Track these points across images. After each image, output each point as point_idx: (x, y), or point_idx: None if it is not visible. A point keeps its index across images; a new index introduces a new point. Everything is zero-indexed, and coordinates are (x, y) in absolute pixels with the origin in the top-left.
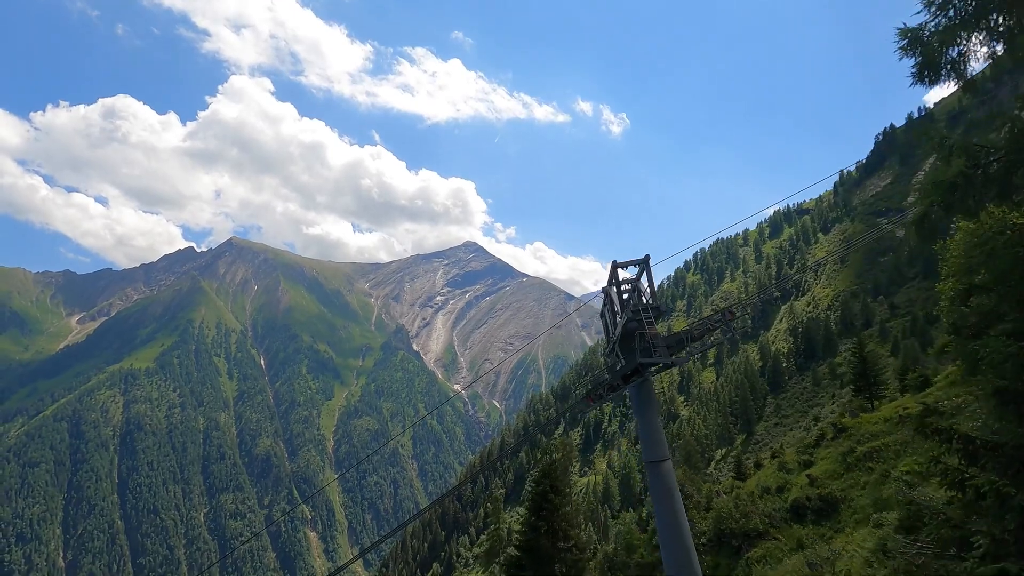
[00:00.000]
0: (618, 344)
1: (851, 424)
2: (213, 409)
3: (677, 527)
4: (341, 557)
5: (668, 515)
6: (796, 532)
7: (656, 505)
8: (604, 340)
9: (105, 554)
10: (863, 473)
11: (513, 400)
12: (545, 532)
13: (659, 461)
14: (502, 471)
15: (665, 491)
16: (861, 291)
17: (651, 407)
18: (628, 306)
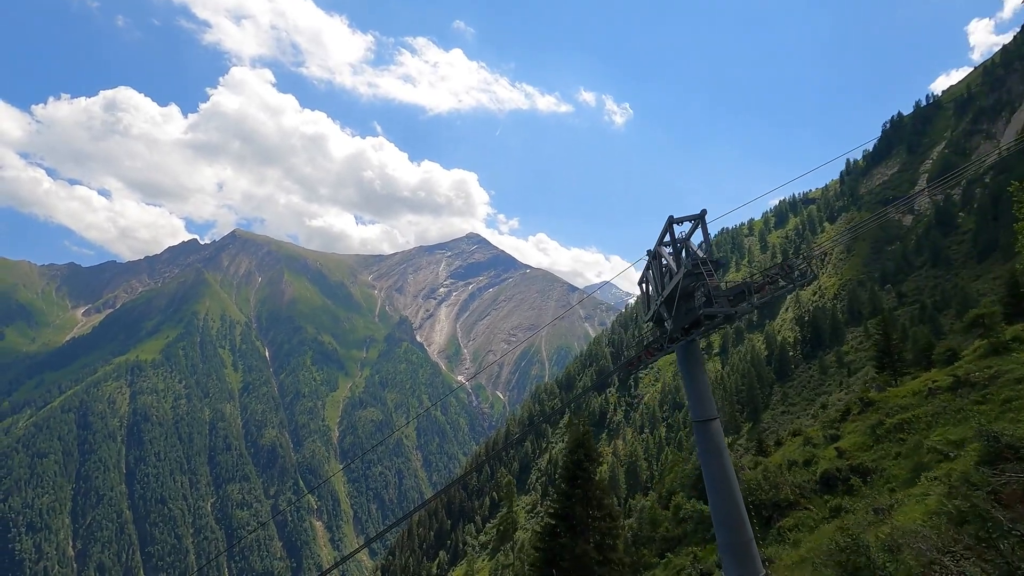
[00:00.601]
0: (666, 303)
1: (878, 398)
2: (219, 400)
3: (727, 485)
4: (347, 546)
5: (718, 473)
6: (828, 502)
7: (705, 464)
8: (643, 306)
9: (114, 543)
10: (894, 444)
11: (516, 391)
12: (579, 500)
13: (708, 420)
14: (508, 460)
15: (715, 449)
16: (868, 280)
17: (698, 366)
18: (684, 261)
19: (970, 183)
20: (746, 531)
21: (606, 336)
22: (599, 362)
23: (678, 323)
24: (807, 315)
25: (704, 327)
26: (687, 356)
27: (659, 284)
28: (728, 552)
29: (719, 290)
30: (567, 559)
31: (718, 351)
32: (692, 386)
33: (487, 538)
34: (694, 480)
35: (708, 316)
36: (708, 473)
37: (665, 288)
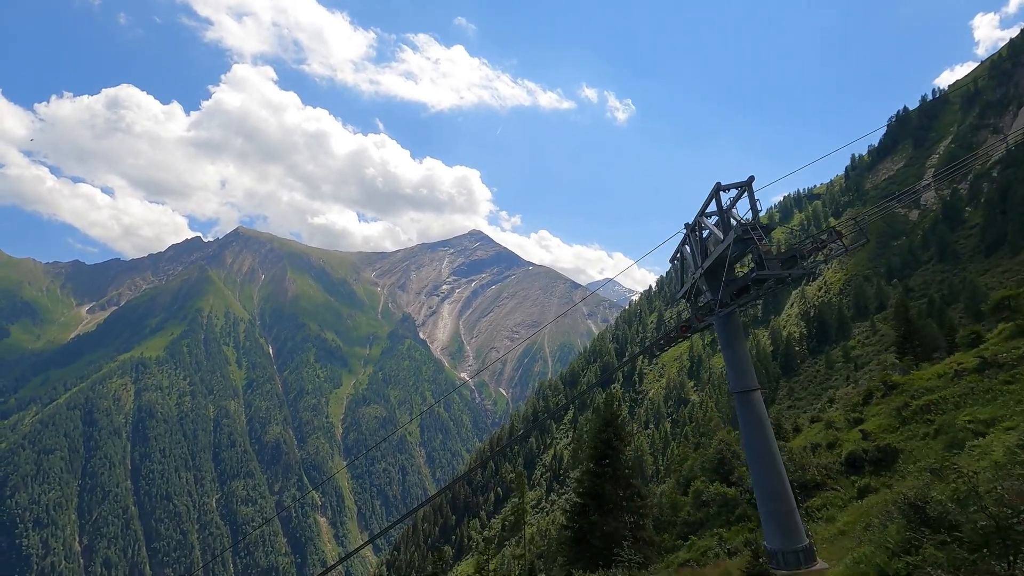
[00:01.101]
0: (707, 275)
1: (902, 381)
2: (223, 397)
3: (770, 455)
4: (351, 542)
5: (761, 444)
6: (856, 482)
7: (747, 435)
8: (675, 282)
9: (120, 539)
10: (921, 425)
11: (519, 388)
12: (609, 478)
13: (749, 391)
14: (512, 456)
15: (757, 420)
16: (874, 275)
17: (739, 338)
18: (732, 228)
19: (977, 178)
20: (789, 500)
21: (610, 332)
22: (603, 358)
23: (721, 292)
24: (813, 310)
25: (753, 293)
26: (727, 327)
27: (699, 256)
28: (772, 521)
29: (770, 254)
30: (598, 536)
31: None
32: (733, 357)
33: (492, 532)
34: (715, 464)
35: (758, 281)
36: (750, 443)
37: (707, 258)
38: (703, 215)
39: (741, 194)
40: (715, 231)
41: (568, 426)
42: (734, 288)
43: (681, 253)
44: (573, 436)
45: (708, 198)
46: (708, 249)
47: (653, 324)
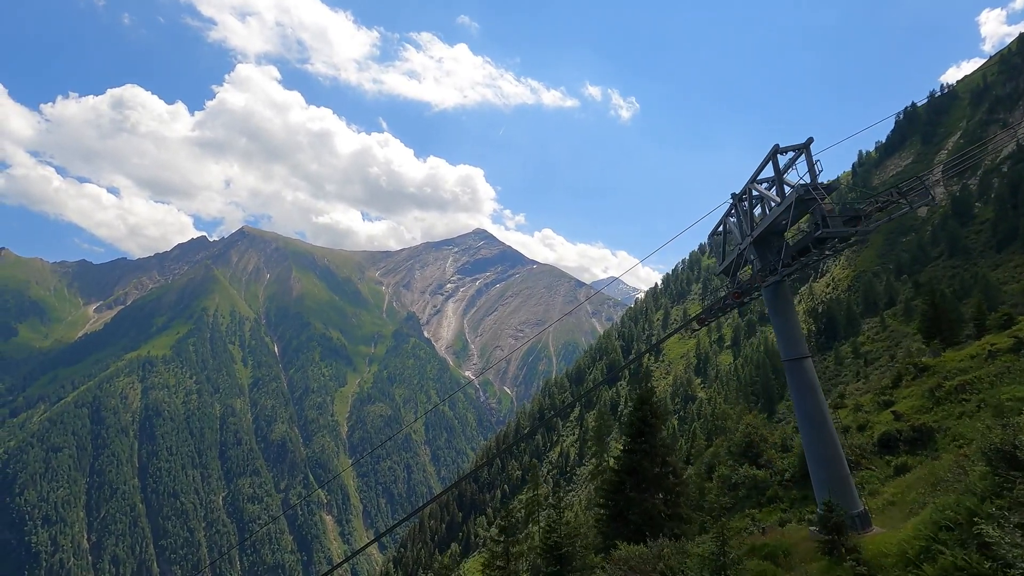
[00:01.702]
0: (756, 244)
1: (933, 363)
2: (229, 395)
3: (823, 421)
4: (356, 540)
5: (814, 410)
6: (891, 462)
7: (798, 402)
8: (716, 257)
9: (128, 536)
10: (956, 405)
11: (524, 386)
12: (646, 455)
13: (800, 358)
14: (519, 454)
15: (808, 387)
16: (883, 271)
17: (789, 306)
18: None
19: (987, 173)
20: (843, 466)
21: (615, 330)
22: (609, 356)
23: (784, 253)
24: (821, 306)
25: (814, 255)
26: (777, 295)
27: (747, 225)
28: (825, 488)
29: (833, 213)
30: (635, 513)
31: (730, 344)
32: (783, 325)
33: (495, 529)
34: (743, 448)
35: (820, 240)
36: (802, 410)
37: (760, 225)
38: (754, 181)
39: (798, 156)
40: (768, 195)
41: (574, 423)
42: (794, 250)
43: (724, 226)
44: (579, 433)
45: (764, 161)
46: (755, 218)
47: (659, 321)
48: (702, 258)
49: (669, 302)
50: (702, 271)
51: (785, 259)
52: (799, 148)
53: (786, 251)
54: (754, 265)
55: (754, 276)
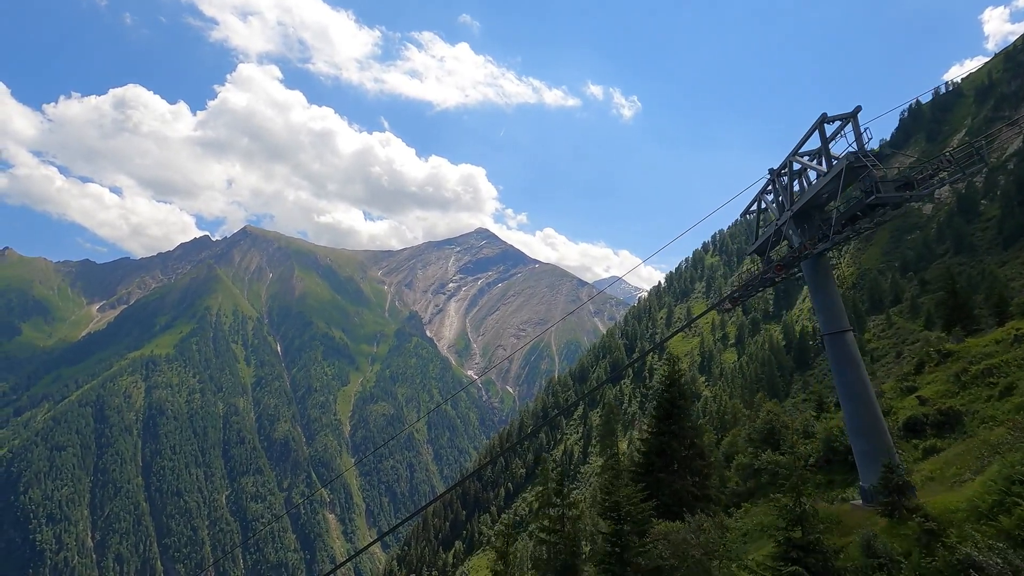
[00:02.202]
0: (796, 217)
1: (956, 348)
2: (232, 394)
3: (865, 394)
4: (359, 538)
5: (856, 383)
6: (919, 445)
7: (839, 375)
8: (750, 236)
9: (132, 534)
10: (984, 388)
11: (526, 385)
12: (676, 435)
13: (841, 332)
14: (522, 452)
15: (850, 360)
16: (888, 269)
17: (829, 280)
18: (844, 156)
19: (993, 170)
20: (886, 438)
21: (619, 329)
22: (612, 354)
23: (835, 221)
24: None
25: (862, 224)
26: (817, 269)
27: (787, 199)
28: (868, 459)
29: (886, 179)
30: (666, 493)
31: (734, 342)
32: (823, 299)
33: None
34: (764, 435)
35: (873, 206)
36: (844, 382)
37: (803, 197)
38: (796, 155)
39: (845, 124)
40: (812, 166)
41: (578, 422)
42: (845, 217)
43: (759, 203)
44: (583, 431)
45: (808, 132)
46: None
47: (663, 320)
48: (705, 256)
49: (673, 300)
50: (705, 269)
51: (836, 226)
52: (846, 117)
53: (837, 219)
54: (792, 241)
55: (802, 244)
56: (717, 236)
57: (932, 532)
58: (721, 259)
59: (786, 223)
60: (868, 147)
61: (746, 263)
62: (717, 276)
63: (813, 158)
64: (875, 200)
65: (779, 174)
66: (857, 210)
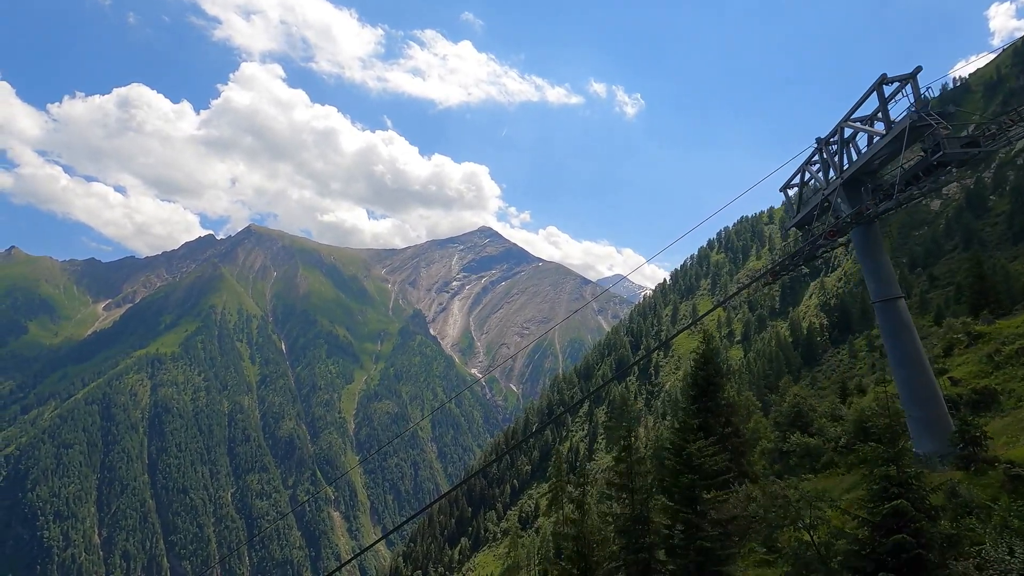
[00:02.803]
0: (846, 185)
1: (988, 330)
2: (237, 393)
3: (919, 360)
4: (364, 536)
5: (910, 348)
6: None
7: (893, 342)
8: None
9: (138, 531)
10: (1019, 368)
11: (530, 383)
12: (712, 413)
13: (893, 299)
14: (528, 449)
15: (903, 326)
16: (896, 265)
17: (880, 246)
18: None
19: (1001, 166)
20: (940, 404)
21: (624, 326)
22: (618, 351)
23: (898, 181)
24: (833, 300)
25: (924, 184)
26: (868, 236)
27: (836, 167)
28: (921, 425)
29: (952, 136)
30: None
31: (740, 339)
32: (874, 267)
33: (509, 524)
34: (790, 419)
35: (937, 165)
36: (897, 349)
37: (856, 162)
38: (847, 121)
39: (904, 85)
40: (865, 129)
41: (584, 419)
42: (909, 175)
43: (802, 175)
44: (589, 428)
45: (865, 94)
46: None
47: (668, 317)
48: (711, 254)
49: (678, 298)
50: (711, 266)
51: (899, 185)
52: (905, 78)
53: (901, 176)
54: (840, 210)
55: (862, 206)
56: (723, 233)
57: (1019, 478)
58: (727, 256)
59: (834, 192)
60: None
61: (790, 236)
62: (723, 273)
63: (867, 122)
64: (941, 158)
65: (827, 143)
66: (920, 169)
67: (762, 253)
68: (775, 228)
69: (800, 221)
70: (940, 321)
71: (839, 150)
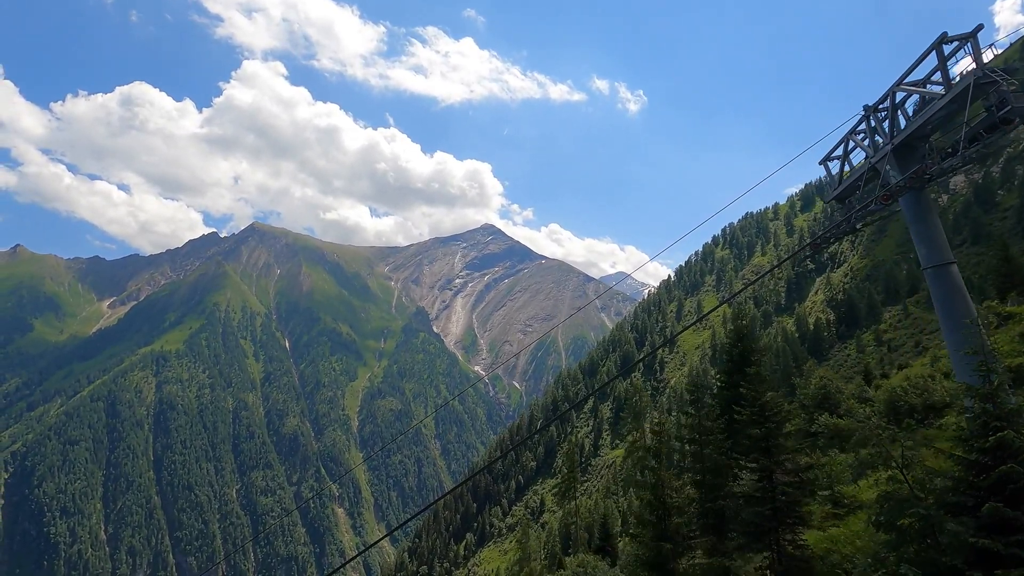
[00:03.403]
0: (897, 151)
1: (1018, 311)
2: (241, 390)
3: (973, 327)
4: (368, 532)
5: (964, 314)
6: None
7: (945, 307)
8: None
9: (144, 528)
10: None
11: (533, 381)
12: (747, 387)
13: (945, 264)
14: (533, 445)
15: (956, 291)
16: (903, 260)
17: (932, 211)
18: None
19: (1010, 160)
20: None
21: (628, 322)
22: (623, 347)
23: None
24: (840, 295)
25: (988, 139)
26: (919, 201)
27: (885, 133)
28: None
29: (1019, 92)
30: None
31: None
32: (925, 231)
33: (515, 520)
34: (817, 401)
35: (1004, 121)
36: (950, 316)
37: (912, 123)
38: (900, 84)
39: (963, 44)
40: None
41: (588, 415)
42: (974, 131)
43: (846, 145)
44: (594, 424)
45: (924, 53)
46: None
47: (673, 313)
48: (715, 250)
49: (683, 294)
50: (715, 263)
51: (964, 143)
52: (965, 37)
53: (964, 135)
54: (888, 177)
55: (924, 165)
56: (727, 229)
57: None
58: (732, 252)
59: (883, 159)
60: None
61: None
62: (728, 269)
63: (921, 85)
64: (1008, 113)
65: (876, 109)
66: (983, 127)
67: (767, 249)
68: (780, 224)
69: (842, 193)
70: None
71: (889, 116)
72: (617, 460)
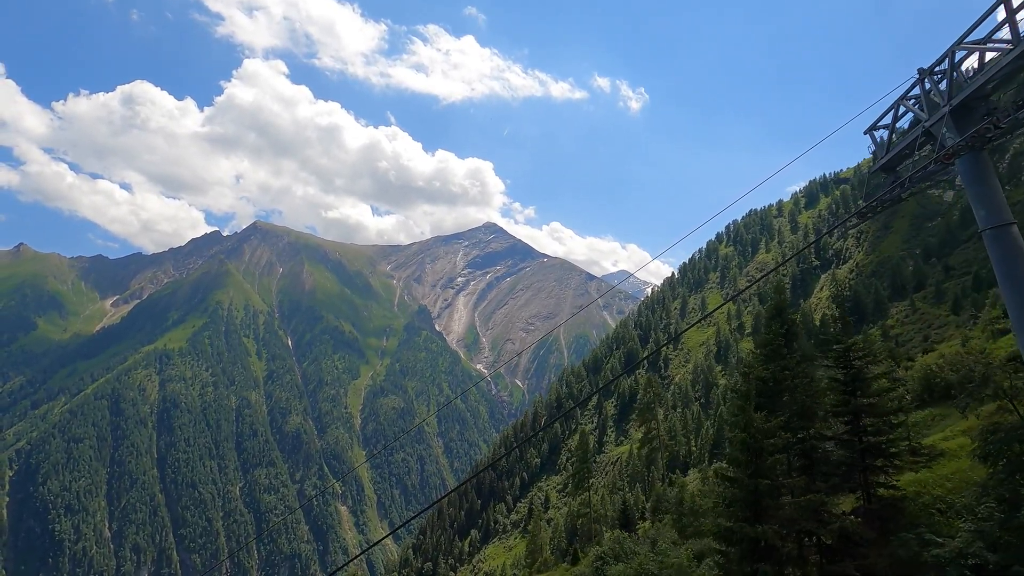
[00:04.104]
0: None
1: None
2: (244, 388)
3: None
4: (371, 530)
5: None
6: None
7: (1006, 269)
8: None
9: (148, 525)
10: None
11: (535, 379)
12: (786, 368)
13: (1005, 225)
14: (537, 442)
15: (1018, 253)
16: (909, 256)
17: (991, 171)
18: None
19: (1016, 156)
20: None
21: (632, 320)
22: (627, 344)
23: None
24: (846, 291)
25: None
26: (978, 162)
27: (942, 95)
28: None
29: None
30: None
31: (750, 331)
32: (984, 192)
33: (519, 516)
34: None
35: None
36: (1012, 279)
37: (975, 81)
38: (959, 44)
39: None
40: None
41: (592, 412)
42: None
43: (895, 112)
44: (598, 421)
45: (989, 8)
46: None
47: (676, 311)
48: (719, 247)
49: (686, 291)
50: (719, 260)
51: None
52: None
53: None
54: (944, 140)
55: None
56: (731, 226)
57: None
58: (735, 249)
59: (939, 121)
60: None
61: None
62: (732, 266)
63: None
64: None
65: (931, 72)
66: None
67: (771, 246)
68: (784, 221)
69: (889, 162)
70: (957, 311)
71: (946, 77)
72: (623, 456)
